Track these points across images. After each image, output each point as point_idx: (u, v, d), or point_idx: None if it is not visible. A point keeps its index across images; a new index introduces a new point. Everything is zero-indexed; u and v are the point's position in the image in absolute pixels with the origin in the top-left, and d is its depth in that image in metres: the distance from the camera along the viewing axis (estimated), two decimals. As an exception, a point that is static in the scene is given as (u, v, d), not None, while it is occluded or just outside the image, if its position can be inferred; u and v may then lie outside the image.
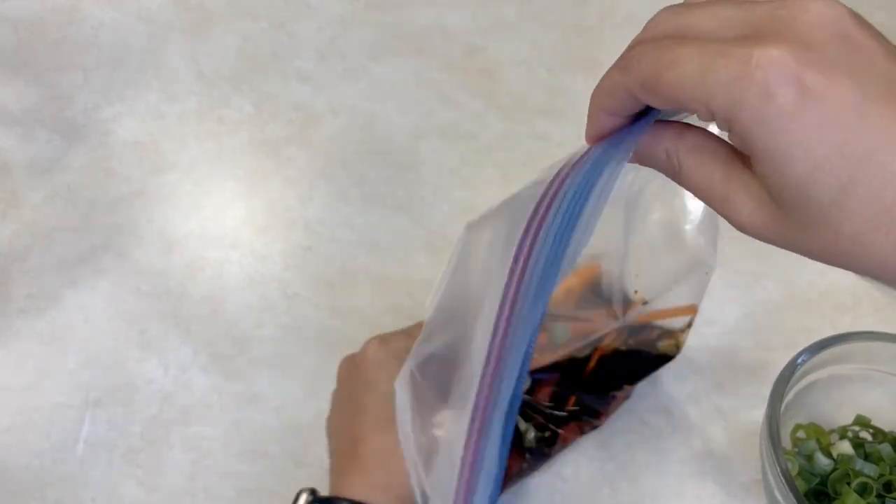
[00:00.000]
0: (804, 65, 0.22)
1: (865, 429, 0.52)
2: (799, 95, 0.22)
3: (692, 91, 0.23)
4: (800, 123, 0.22)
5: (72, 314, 0.58)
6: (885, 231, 0.22)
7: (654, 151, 0.26)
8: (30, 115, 0.69)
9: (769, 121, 0.22)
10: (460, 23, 0.76)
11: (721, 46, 0.23)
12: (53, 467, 0.52)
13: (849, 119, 0.22)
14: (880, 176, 0.22)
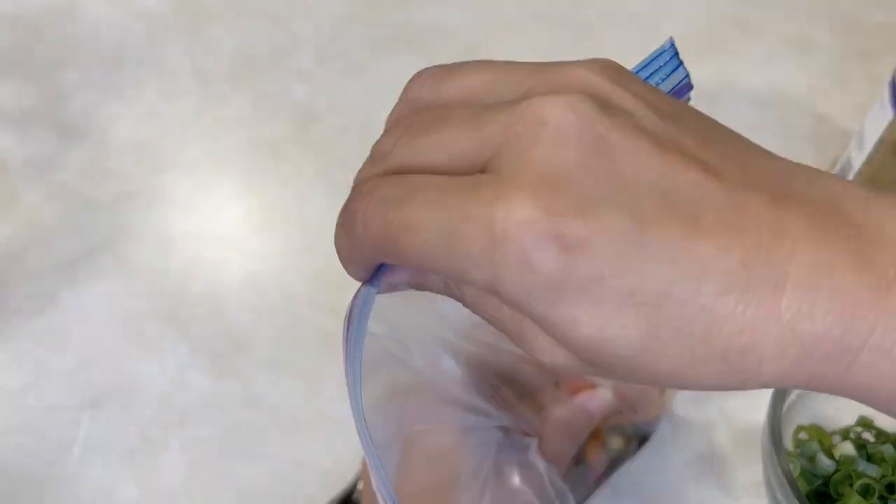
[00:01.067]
0: (557, 214, 0.18)
1: (868, 430, 0.52)
2: (561, 255, 0.18)
3: (441, 263, 0.19)
4: (573, 286, 0.18)
5: (69, 314, 0.58)
6: (703, 363, 0.19)
7: (428, 279, 0.23)
8: (27, 114, 0.68)
9: (536, 292, 0.19)
10: (460, 22, 0.76)
11: (459, 202, 0.19)
12: (50, 468, 0.52)
13: (629, 260, 0.18)
14: (684, 311, 0.19)
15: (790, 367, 0.19)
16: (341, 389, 0.57)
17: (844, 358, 0.19)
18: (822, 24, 0.77)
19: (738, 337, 0.19)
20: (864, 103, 0.72)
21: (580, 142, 0.19)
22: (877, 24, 0.77)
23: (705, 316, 0.19)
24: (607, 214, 0.18)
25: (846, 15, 0.78)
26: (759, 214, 0.19)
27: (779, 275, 0.19)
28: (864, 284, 0.19)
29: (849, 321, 0.19)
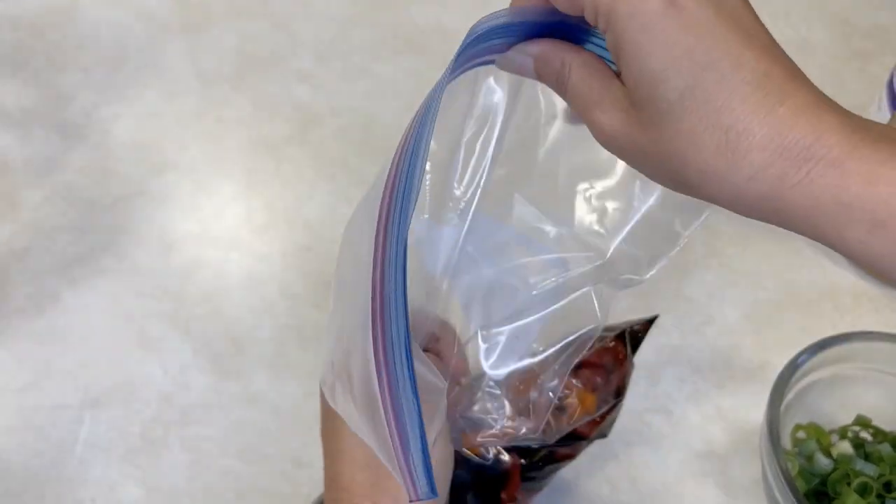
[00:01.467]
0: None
1: (865, 429, 0.52)
2: (666, 4, 0.26)
3: None
4: (661, 25, 0.26)
5: (71, 314, 0.58)
6: (712, 132, 0.26)
7: (552, 59, 0.30)
8: (29, 114, 0.69)
9: (638, 17, 0.26)
10: (460, 23, 0.76)
11: None
12: (52, 467, 0.52)
13: (701, 31, 0.26)
14: (716, 81, 0.26)
15: (767, 159, 0.26)
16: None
17: (807, 164, 0.25)
18: (818, 25, 0.77)
19: (744, 120, 0.26)
20: (861, 104, 0.72)
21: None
22: (873, 25, 0.77)
23: (729, 92, 0.26)
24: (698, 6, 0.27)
25: (842, 16, 0.78)
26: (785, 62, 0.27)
27: (784, 94, 0.26)
28: (836, 121, 0.26)
29: (818, 136, 0.25)
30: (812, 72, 0.33)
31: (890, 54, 0.75)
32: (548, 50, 0.30)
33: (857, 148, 0.25)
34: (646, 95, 0.27)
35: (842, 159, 0.25)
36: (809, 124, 0.25)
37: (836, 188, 0.25)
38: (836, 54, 0.75)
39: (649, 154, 0.28)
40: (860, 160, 0.25)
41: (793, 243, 0.63)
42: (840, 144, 0.25)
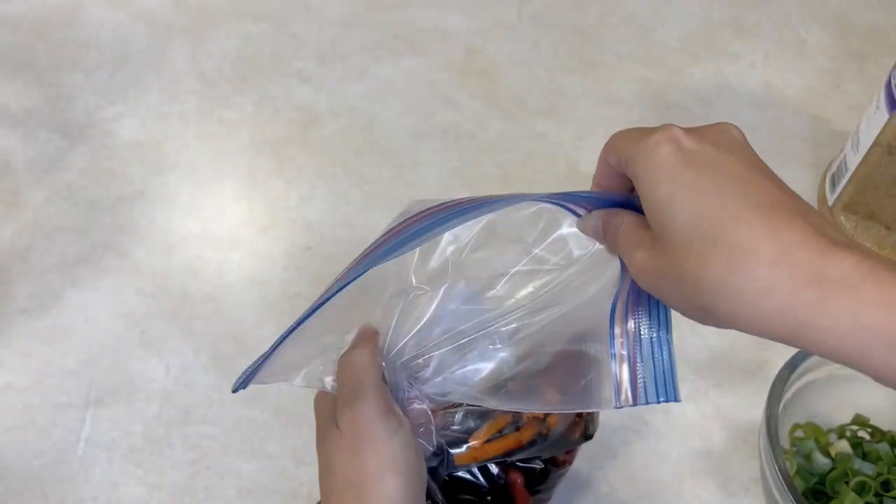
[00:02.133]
0: (686, 136, 0.31)
1: (863, 428, 0.53)
2: (674, 148, 0.30)
3: (622, 147, 0.33)
4: (668, 162, 0.30)
5: (73, 314, 0.59)
6: (720, 250, 0.28)
7: (613, 221, 0.35)
8: (31, 115, 0.69)
9: (651, 160, 0.31)
10: (460, 24, 0.76)
11: (649, 129, 0.32)
12: (54, 466, 0.53)
13: (706, 169, 0.29)
14: (721, 205, 0.28)
15: (777, 275, 0.27)
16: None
17: (822, 285, 0.26)
18: (816, 26, 0.78)
19: (750, 238, 0.27)
20: (859, 104, 0.72)
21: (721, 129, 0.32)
22: (871, 25, 0.77)
23: (735, 214, 0.28)
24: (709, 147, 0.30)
25: (840, 17, 0.78)
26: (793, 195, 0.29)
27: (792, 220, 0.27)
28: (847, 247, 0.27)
29: (830, 259, 0.26)
30: (811, 72, 0.34)
31: (888, 55, 0.75)
32: (613, 214, 0.35)
33: (872, 273, 0.26)
34: (660, 224, 0.30)
35: (857, 283, 0.26)
36: (819, 248, 0.26)
37: (854, 311, 0.26)
38: (835, 55, 0.75)
39: (670, 280, 0.30)
40: (875, 285, 0.26)
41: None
42: (855, 268, 0.26)
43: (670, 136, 0.31)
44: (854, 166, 0.61)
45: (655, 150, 0.30)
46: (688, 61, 0.74)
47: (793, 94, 0.73)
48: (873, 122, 0.59)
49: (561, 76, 0.73)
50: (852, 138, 0.62)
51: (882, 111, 0.58)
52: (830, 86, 0.73)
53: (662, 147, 0.30)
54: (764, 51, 0.75)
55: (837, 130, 0.71)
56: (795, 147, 0.70)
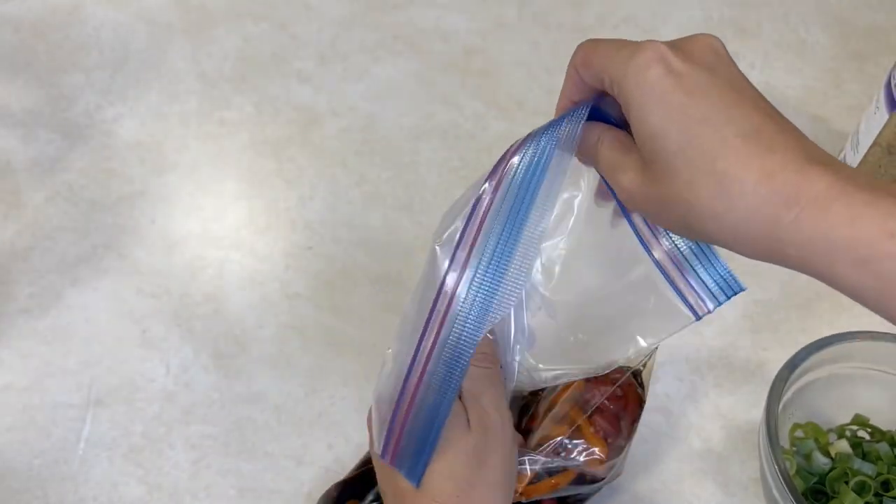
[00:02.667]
0: (674, 56, 0.31)
1: (863, 428, 0.53)
2: (664, 71, 0.30)
3: (603, 65, 0.32)
4: (660, 88, 0.30)
5: (73, 314, 0.59)
6: (708, 179, 0.29)
7: (589, 135, 0.35)
8: (31, 115, 0.69)
9: (641, 83, 0.30)
10: (460, 23, 0.76)
11: (630, 42, 0.32)
12: (55, 466, 0.53)
13: (696, 92, 0.30)
14: (709, 134, 0.29)
15: (759, 201, 0.28)
16: (341, 388, 0.58)
17: (797, 206, 0.28)
18: (816, 26, 0.78)
19: (735, 166, 0.29)
20: (859, 105, 0.72)
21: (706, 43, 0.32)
22: (870, 25, 0.77)
23: (722, 143, 0.29)
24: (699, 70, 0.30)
25: (840, 17, 0.78)
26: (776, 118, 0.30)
27: (774, 145, 0.29)
28: (823, 169, 0.28)
29: (805, 181, 0.28)
30: (810, 72, 0.34)
31: (888, 55, 0.75)
32: (587, 128, 0.35)
33: (844, 192, 0.28)
34: (650, 150, 0.31)
35: (828, 202, 0.28)
36: (797, 171, 0.28)
37: (823, 228, 0.28)
38: (835, 55, 0.75)
39: (659, 204, 0.31)
40: (845, 203, 0.27)
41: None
42: (827, 189, 0.28)
43: (659, 55, 0.31)
44: (854, 165, 0.61)
45: (645, 72, 0.30)
46: (688, 61, 0.74)
47: (792, 94, 0.73)
48: (873, 123, 0.59)
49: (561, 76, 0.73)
50: (852, 138, 0.62)
51: (882, 111, 0.58)
52: (830, 86, 0.73)
53: (652, 69, 0.30)
54: (764, 51, 0.75)
55: (837, 130, 0.71)
56: (795, 147, 0.70)
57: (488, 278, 0.34)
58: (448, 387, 0.34)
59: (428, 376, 0.35)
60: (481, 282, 0.34)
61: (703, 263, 0.36)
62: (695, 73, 0.30)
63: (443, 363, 0.34)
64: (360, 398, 0.56)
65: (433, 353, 0.34)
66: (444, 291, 0.34)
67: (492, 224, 0.34)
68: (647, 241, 0.37)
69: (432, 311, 0.34)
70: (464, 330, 0.34)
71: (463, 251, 0.34)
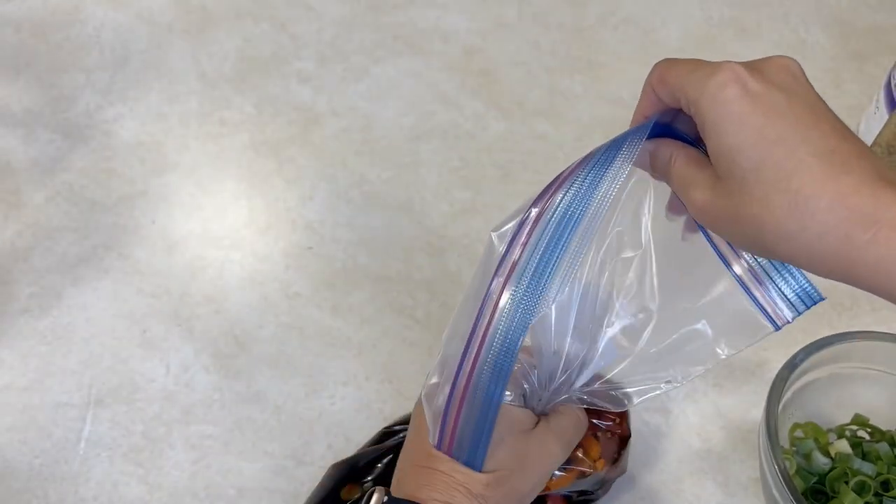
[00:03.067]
0: (751, 77, 0.31)
1: (863, 428, 0.53)
2: (741, 92, 0.31)
3: (680, 84, 0.33)
4: (736, 108, 0.31)
5: (74, 314, 0.59)
6: (783, 196, 0.29)
7: (662, 152, 0.35)
8: (32, 115, 0.69)
9: (718, 103, 0.31)
10: (460, 24, 0.76)
11: (708, 62, 0.33)
12: (55, 466, 0.53)
13: (772, 113, 0.30)
14: (784, 154, 0.30)
15: (833, 220, 0.29)
16: (341, 388, 0.58)
17: (872, 227, 0.28)
18: (816, 26, 0.78)
19: (810, 184, 0.29)
20: (859, 105, 0.72)
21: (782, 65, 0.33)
22: (870, 26, 0.77)
23: (797, 162, 0.29)
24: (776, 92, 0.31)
25: (840, 17, 0.78)
26: (853, 140, 0.31)
27: (849, 166, 0.29)
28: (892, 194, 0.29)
29: (880, 202, 0.28)
30: (810, 72, 0.34)
31: (888, 55, 0.75)
32: (660, 145, 0.36)
33: None
34: (725, 168, 0.31)
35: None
36: (872, 192, 0.29)
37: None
38: (835, 55, 0.75)
39: (732, 220, 0.32)
40: None
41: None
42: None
43: (735, 76, 0.31)
44: (854, 166, 0.61)
45: (722, 92, 0.31)
46: (688, 61, 0.74)
47: (793, 94, 0.73)
48: (873, 123, 0.59)
49: (561, 76, 0.73)
50: (852, 138, 0.62)
51: (882, 111, 0.58)
52: (830, 86, 0.73)
53: (729, 90, 0.31)
54: (764, 51, 0.75)
55: (837, 130, 0.71)
56: (795, 147, 0.70)
57: (527, 298, 0.35)
58: (499, 376, 0.35)
59: (479, 367, 0.36)
60: (521, 299, 0.35)
61: (783, 274, 0.37)
62: (771, 94, 0.31)
63: (492, 356, 0.35)
64: (360, 398, 0.56)
65: (483, 347, 0.35)
66: (490, 294, 0.35)
67: (529, 256, 0.35)
68: (725, 254, 0.37)
69: (481, 311, 0.36)
70: (509, 330, 0.35)
71: (505, 269, 0.36)
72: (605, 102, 0.72)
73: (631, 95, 0.72)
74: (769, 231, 0.30)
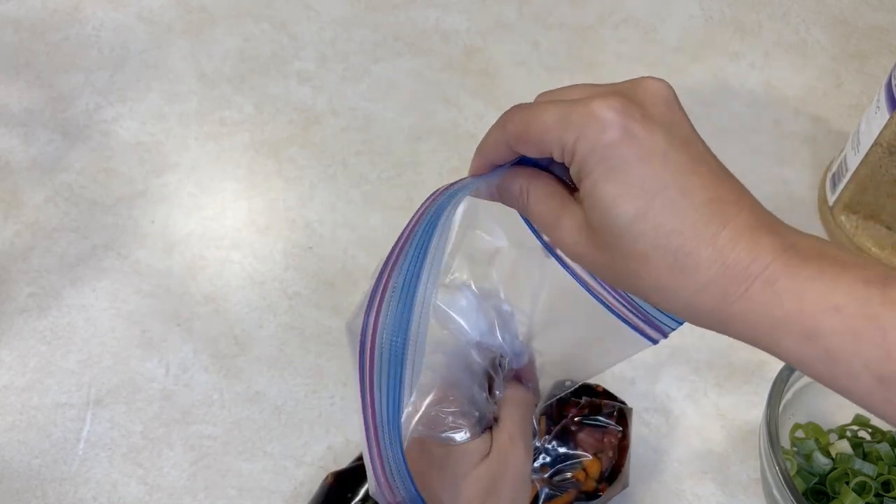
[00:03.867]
0: (629, 115, 0.29)
1: (864, 428, 0.53)
2: (622, 135, 0.29)
3: (552, 133, 0.30)
4: (618, 155, 0.29)
5: (73, 314, 0.59)
6: (662, 253, 0.28)
7: (511, 186, 0.33)
8: (31, 115, 0.69)
9: (597, 150, 0.29)
10: (460, 23, 0.76)
11: (575, 102, 0.30)
12: (55, 466, 0.53)
13: (653, 161, 0.29)
14: (665, 206, 0.28)
15: (711, 277, 0.28)
16: (341, 388, 0.58)
17: (746, 282, 0.28)
18: (816, 26, 0.78)
19: (691, 242, 0.28)
20: (859, 105, 0.72)
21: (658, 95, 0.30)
22: (871, 26, 0.77)
23: (678, 217, 0.28)
24: (656, 129, 0.29)
25: (841, 17, 0.78)
26: (732, 186, 0.30)
27: (727, 218, 0.28)
28: (772, 241, 0.28)
29: (754, 256, 0.28)
30: (810, 72, 0.34)
31: (888, 55, 0.75)
32: (507, 178, 0.33)
33: (789, 266, 0.27)
34: (600, 219, 0.30)
35: (775, 277, 0.27)
36: (747, 246, 0.28)
37: (770, 304, 0.27)
38: (835, 55, 0.75)
39: (607, 269, 0.31)
40: (791, 277, 0.27)
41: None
42: (774, 263, 0.28)
43: (614, 116, 0.29)
44: (854, 166, 0.61)
45: (602, 136, 0.29)
46: (688, 61, 0.74)
47: (792, 94, 0.73)
48: (873, 122, 0.59)
49: (561, 76, 0.73)
50: (852, 138, 0.62)
51: (882, 111, 0.58)
52: (830, 86, 0.73)
53: (609, 134, 0.29)
54: (764, 51, 0.75)
55: (837, 130, 0.71)
56: (795, 147, 0.70)
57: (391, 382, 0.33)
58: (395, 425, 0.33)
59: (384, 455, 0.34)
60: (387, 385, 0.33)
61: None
62: (652, 136, 0.29)
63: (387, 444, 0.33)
64: (360, 398, 0.56)
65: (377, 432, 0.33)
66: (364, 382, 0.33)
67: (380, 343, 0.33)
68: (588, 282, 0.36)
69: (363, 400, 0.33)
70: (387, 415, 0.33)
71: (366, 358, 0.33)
72: (605, 102, 0.72)
73: (631, 95, 0.72)
74: (648, 287, 0.30)
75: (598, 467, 0.47)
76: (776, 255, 0.28)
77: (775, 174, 0.68)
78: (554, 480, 0.46)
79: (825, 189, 0.66)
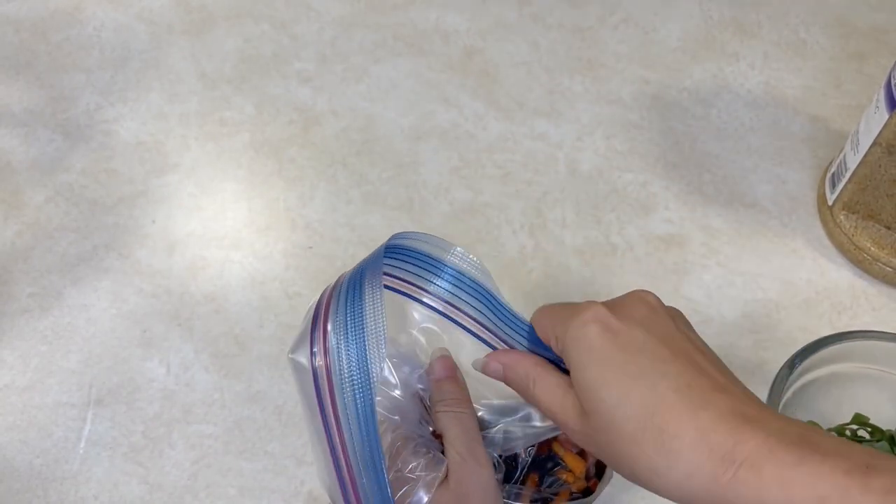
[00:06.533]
0: (611, 314, 0.33)
1: (863, 427, 0.53)
2: (602, 329, 0.33)
3: (550, 327, 0.35)
4: (598, 345, 0.33)
5: (74, 313, 0.59)
6: (650, 435, 0.30)
7: (517, 371, 0.37)
8: (32, 115, 0.69)
9: (581, 340, 0.33)
10: (460, 24, 0.76)
11: (572, 306, 0.35)
12: (55, 465, 0.53)
13: (631, 349, 0.32)
14: (646, 388, 0.31)
15: (699, 458, 0.29)
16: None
17: (732, 466, 0.29)
18: (816, 26, 0.78)
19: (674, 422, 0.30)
20: (858, 105, 0.72)
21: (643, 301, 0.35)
22: (870, 26, 0.78)
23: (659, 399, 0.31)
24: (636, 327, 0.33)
25: (840, 18, 0.78)
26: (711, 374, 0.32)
27: (707, 402, 0.30)
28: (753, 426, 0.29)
29: (737, 440, 0.29)
30: (810, 73, 0.34)
31: (888, 55, 0.75)
32: (515, 362, 0.37)
33: (773, 453, 0.28)
34: (590, 404, 0.32)
35: (760, 463, 0.28)
36: (729, 429, 0.29)
37: (759, 490, 0.28)
38: (834, 55, 0.76)
39: (607, 452, 0.33)
40: (775, 464, 0.28)
41: (790, 243, 0.63)
42: (758, 448, 0.29)
43: (596, 315, 0.33)
44: (854, 166, 0.61)
45: (583, 329, 0.33)
46: (687, 61, 0.74)
47: (792, 94, 0.73)
48: (873, 122, 0.59)
49: (561, 76, 0.73)
50: (852, 138, 0.63)
51: (882, 111, 0.58)
52: (830, 86, 0.74)
53: (590, 327, 0.33)
54: (763, 51, 0.76)
55: (837, 130, 0.71)
56: (795, 147, 0.70)
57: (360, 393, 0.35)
58: (375, 458, 0.35)
59: (353, 458, 0.35)
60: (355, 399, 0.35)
61: None
62: (630, 331, 0.32)
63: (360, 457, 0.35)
64: (361, 398, 0.56)
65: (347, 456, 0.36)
66: (325, 408, 0.35)
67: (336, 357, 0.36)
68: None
69: (326, 426, 0.35)
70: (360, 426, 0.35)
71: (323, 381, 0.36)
72: (604, 102, 0.72)
73: (630, 95, 0.72)
74: (643, 468, 0.31)
75: (583, 465, 0.47)
76: (760, 441, 0.29)
77: (774, 174, 0.68)
78: (542, 489, 0.46)
79: (824, 189, 0.66)
